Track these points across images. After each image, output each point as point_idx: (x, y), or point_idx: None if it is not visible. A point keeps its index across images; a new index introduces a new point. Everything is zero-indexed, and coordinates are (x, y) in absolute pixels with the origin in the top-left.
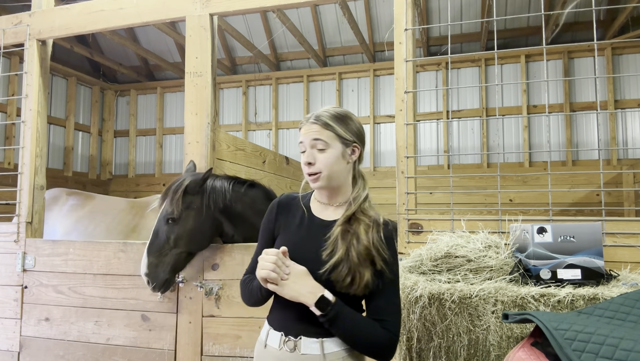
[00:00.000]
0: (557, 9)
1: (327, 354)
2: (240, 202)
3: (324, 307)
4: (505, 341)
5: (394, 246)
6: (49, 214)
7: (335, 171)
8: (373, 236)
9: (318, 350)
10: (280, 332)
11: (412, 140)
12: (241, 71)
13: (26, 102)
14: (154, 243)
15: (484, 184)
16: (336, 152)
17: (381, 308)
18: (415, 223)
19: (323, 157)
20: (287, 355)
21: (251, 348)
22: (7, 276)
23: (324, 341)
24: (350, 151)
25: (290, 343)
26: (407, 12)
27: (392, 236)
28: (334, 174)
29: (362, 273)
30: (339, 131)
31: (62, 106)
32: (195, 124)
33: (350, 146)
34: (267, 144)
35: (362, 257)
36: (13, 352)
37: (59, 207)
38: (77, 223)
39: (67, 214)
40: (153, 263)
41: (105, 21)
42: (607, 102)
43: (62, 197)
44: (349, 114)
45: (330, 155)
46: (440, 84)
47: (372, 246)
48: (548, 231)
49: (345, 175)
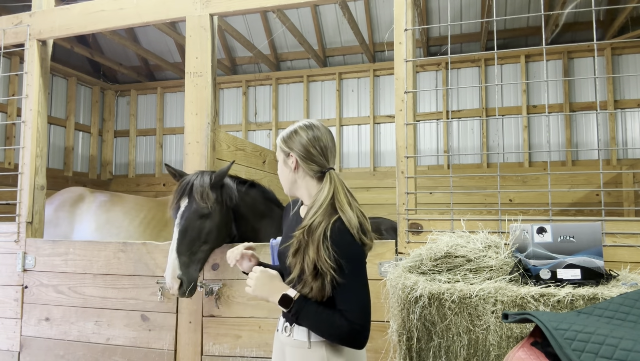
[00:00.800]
0: (557, 9)
1: (312, 341)
2: (243, 202)
3: (287, 304)
4: (505, 341)
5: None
6: (75, 211)
7: (285, 179)
8: (320, 248)
9: (305, 336)
10: (284, 318)
11: (412, 140)
12: (241, 71)
13: (26, 102)
14: (183, 241)
15: (483, 184)
16: (281, 163)
17: (339, 299)
18: (415, 223)
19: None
20: (286, 338)
21: (251, 347)
22: (8, 276)
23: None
24: (290, 160)
25: (287, 328)
26: (407, 12)
27: (338, 235)
28: (285, 182)
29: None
30: (281, 145)
31: (63, 106)
32: (196, 124)
33: (289, 156)
34: (267, 144)
35: (311, 271)
36: (13, 352)
37: (87, 204)
38: (109, 220)
39: (97, 211)
40: (185, 262)
41: (105, 21)
42: (606, 102)
43: (87, 195)
44: (297, 129)
45: (279, 167)
46: (440, 84)
47: (318, 260)
48: (548, 231)
49: (294, 181)
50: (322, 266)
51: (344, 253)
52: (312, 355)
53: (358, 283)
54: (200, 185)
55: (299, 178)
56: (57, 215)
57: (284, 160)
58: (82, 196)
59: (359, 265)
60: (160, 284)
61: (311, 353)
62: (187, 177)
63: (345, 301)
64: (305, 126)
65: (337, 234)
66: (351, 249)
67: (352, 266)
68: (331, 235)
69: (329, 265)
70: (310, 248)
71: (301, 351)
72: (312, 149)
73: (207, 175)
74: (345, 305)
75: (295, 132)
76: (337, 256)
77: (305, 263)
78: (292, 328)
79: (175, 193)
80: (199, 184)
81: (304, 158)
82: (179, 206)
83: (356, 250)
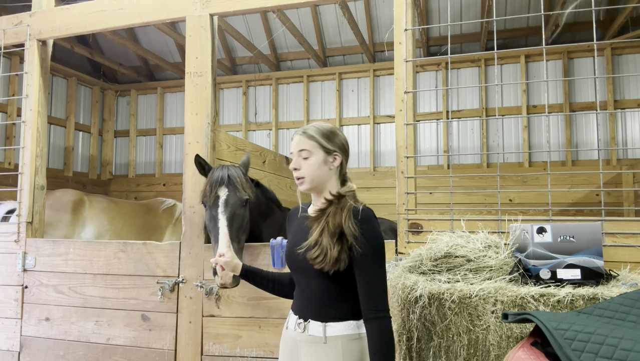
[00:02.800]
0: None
1: (328, 336)
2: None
3: None
4: (505, 341)
5: (369, 226)
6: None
7: (318, 175)
8: (345, 216)
9: (321, 332)
10: (296, 315)
11: (412, 140)
12: (241, 71)
13: (26, 102)
14: (232, 228)
15: (483, 184)
16: (318, 159)
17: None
18: (415, 223)
19: (307, 163)
20: (300, 335)
21: (251, 347)
22: (8, 276)
23: (327, 325)
24: (332, 158)
25: (301, 325)
26: (407, 12)
27: (367, 218)
28: (316, 178)
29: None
30: (321, 141)
31: (63, 106)
32: (196, 124)
33: (331, 154)
34: (267, 144)
35: (333, 233)
36: (13, 352)
37: (87, 209)
38: (110, 223)
39: (98, 215)
40: (237, 249)
41: (105, 21)
42: (606, 102)
43: (84, 199)
44: (333, 129)
45: (313, 162)
46: (440, 84)
47: (343, 223)
48: (548, 231)
49: (327, 179)
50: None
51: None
52: (328, 349)
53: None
54: (238, 175)
55: (332, 176)
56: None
57: (324, 158)
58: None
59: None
60: (161, 284)
61: (327, 347)
62: (217, 169)
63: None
64: (338, 129)
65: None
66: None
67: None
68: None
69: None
70: (337, 214)
71: (317, 347)
72: (349, 151)
73: (233, 168)
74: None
75: (336, 133)
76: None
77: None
78: (306, 324)
79: (211, 184)
80: (236, 175)
81: (346, 159)
82: (217, 195)
83: (381, 238)
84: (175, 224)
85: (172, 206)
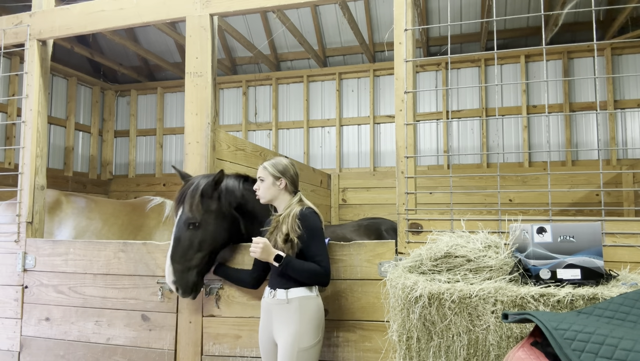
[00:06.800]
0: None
1: (290, 298)
2: (250, 200)
3: (278, 260)
4: (505, 341)
5: (307, 221)
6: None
7: (268, 194)
8: (290, 223)
9: (284, 295)
10: (269, 288)
11: (412, 140)
12: (241, 71)
13: (27, 102)
14: (177, 249)
15: (483, 184)
16: (268, 182)
17: (311, 256)
18: (415, 223)
19: (261, 185)
20: (271, 300)
21: (251, 347)
22: (8, 276)
23: (288, 290)
24: (278, 182)
25: (272, 293)
26: (407, 13)
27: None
28: (267, 195)
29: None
30: (271, 171)
31: (63, 106)
32: (196, 124)
33: (277, 179)
34: (267, 144)
35: (284, 239)
36: (13, 352)
37: (64, 209)
38: (89, 223)
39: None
40: (179, 269)
41: (105, 21)
42: (606, 102)
43: (62, 200)
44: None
45: (265, 184)
46: (440, 84)
47: (289, 230)
48: (548, 231)
49: (278, 195)
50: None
51: (309, 225)
52: (290, 307)
53: (323, 243)
54: (191, 195)
55: (280, 194)
56: None
57: (272, 182)
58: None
59: (321, 232)
60: (161, 284)
61: (289, 306)
62: (188, 182)
63: (317, 255)
64: (289, 161)
65: (305, 215)
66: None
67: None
68: (300, 216)
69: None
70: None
71: (282, 307)
72: (295, 177)
73: (203, 182)
74: (318, 257)
75: (284, 165)
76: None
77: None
78: (275, 292)
79: (175, 199)
80: (190, 195)
81: (291, 182)
82: (177, 213)
83: (316, 222)
84: (166, 223)
85: (160, 204)
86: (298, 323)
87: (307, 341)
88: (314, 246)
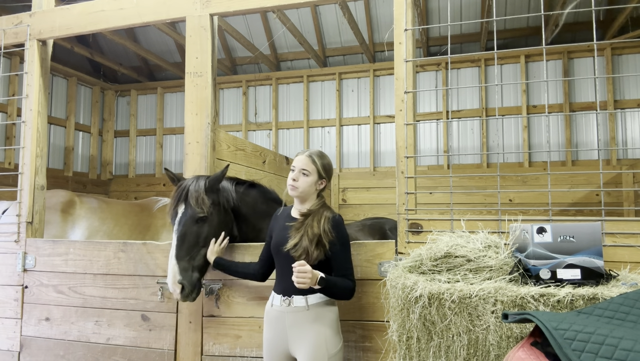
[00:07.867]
0: (557, 9)
1: (310, 305)
2: (243, 203)
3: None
4: (505, 341)
5: (340, 230)
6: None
7: (306, 190)
8: (323, 225)
9: (304, 303)
10: (280, 294)
11: (412, 140)
12: (241, 71)
13: (27, 102)
14: (182, 246)
15: (483, 184)
16: (312, 179)
17: (340, 267)
18: (415, 223)
19: (304, 179)
20: (286, 308)
21: (251, 347)
22: (8, 276)
23: (307, 297)
24: (320, 182)
25: (285, 300)
26: (407, 13)
27: (339, 224)
28: (305, 191)
29: (312, 251)
30: (319, 168)
31: (63, 106)
32: (196, 124)
33: (321, 179)
34: (267, 144)
35: (311, 240)
36: (13, 352)
37: (77, 209)
38: (101, 223)
39: (89, 216)
40: (185, 267)
41: (105, 21)
42: (606, 102)
43: (75, 201)
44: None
45: (309, 180)
46: (440, 84)
47: (321, 232)
48: (548, 231)
49: (312, 194)
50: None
51: (342, 235)
52: (310, 314)
53: (350, 255)
54: (195, 190)
55: (313, 193)
56: None
57: (316, 180)
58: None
59: (349, 243)
60: (161, 284)
61: (309, 313)
62: (184, 182)
63: (347, 268)
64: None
65: (338, 222)
66: (346, 231)
67: (344, 246)
68: (333, 223)
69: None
70: (315, 226)
71: (301, 314)
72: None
73: (202, 180)
74: (348, 271)
75: (331, 165)
76: (336, 236)
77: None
78: (290, 299)
79: (172, 199)
80: (194, 190)
81: (328, 184)
82: (176, 212)
83: (347, 236)
84: None
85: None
86: (323, 329)
87: (334, 346)
88: (344, 258)
